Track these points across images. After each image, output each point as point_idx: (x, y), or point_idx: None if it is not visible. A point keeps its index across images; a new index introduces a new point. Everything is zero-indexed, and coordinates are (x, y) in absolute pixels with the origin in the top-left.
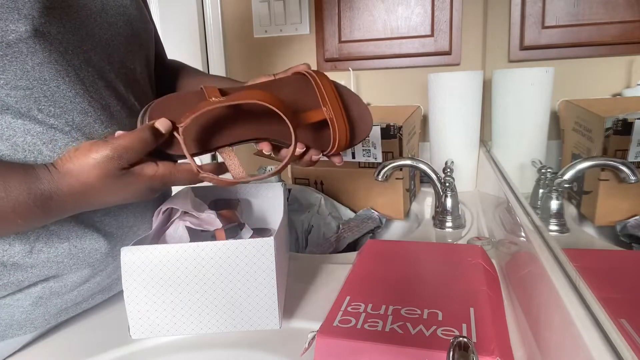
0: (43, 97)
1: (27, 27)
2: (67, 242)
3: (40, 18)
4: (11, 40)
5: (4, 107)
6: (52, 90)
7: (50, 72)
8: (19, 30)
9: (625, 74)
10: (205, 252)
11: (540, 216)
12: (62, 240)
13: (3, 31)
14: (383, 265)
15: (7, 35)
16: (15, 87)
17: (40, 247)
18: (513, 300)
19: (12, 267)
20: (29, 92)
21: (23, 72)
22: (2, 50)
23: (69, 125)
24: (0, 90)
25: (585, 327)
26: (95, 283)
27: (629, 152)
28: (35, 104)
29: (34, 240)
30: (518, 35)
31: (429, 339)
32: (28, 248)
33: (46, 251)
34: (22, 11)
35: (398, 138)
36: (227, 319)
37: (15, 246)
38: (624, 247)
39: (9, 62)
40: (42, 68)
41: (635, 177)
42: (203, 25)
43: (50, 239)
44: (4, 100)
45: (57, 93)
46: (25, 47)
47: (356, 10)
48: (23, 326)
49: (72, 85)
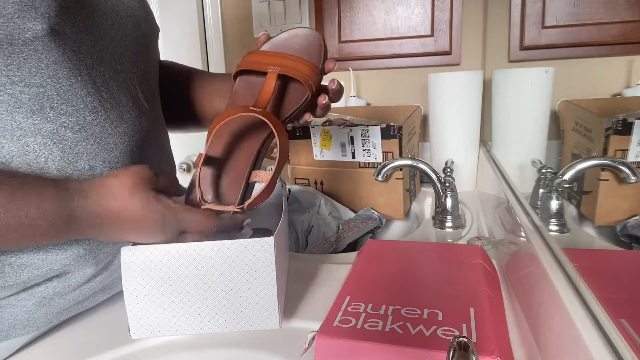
0: (56, 95)
1: (43, 25)
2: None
3: (56, 17)
4: (28, 38)
5: (15, 106)
6: (64, 89)
7: (64, 71)
8: (36, 29)
9: (625, 74)
10: (206, 252)
11: (540, 216)
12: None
13: (20, 29)
14: (383, 265)
15: (24, 33)
16: (29, 85)
17: (48, 247)
18: (513, 300)
19: (19, 267)
20: (42, 90)
21: (37, 70)
22: (19, 47)
23: (79, 124)
24: (15, 87)
25: (585, 327)
26: (97, 282)
27: (629, 152)
28: (47, 102)
29: None
30: (518, 35)
31: (429, 339)
32: (36, 248)
33: (53, 251)
34: (39, 10)
35: (398, 138)
36: (227, 319)
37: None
38: (624, 247)
39: (24, 59)
40: (56, 66)
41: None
42: (203, 25)
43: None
44: (18, 97)
45: (70, 91)
46: (41, 45)
47: (356, 10)
48: (26, 326)
49: (84, 84)
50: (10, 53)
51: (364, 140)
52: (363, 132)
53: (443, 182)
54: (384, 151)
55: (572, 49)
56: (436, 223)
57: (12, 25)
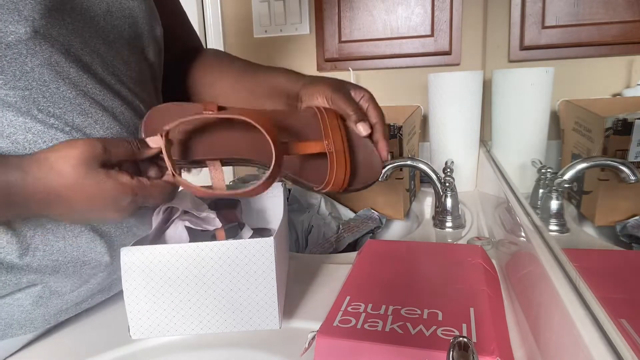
0: (42, 98)
1: (26, 28)
2: (63, 241)
3: (41, 20)
4: (10, 42)
5: (5, 105)
6: (51, 92)
7: (51, 74)
8: (19, 32)
9: (625, 74)
10: (205, 252)
11: (540, 216)
12: (58, 239)
13: (2, 32)
14: (383, 265)
15: (6, 37)
16: (14, 88)
17: (36, 245)
18: (513, 300)
19: (7, 266)
20: (28, 93)
21: (22, 73)
22: (1, 51)
23: (69, 125)
24: (0, 90)
25: (585, 327)
26: (95, 283)
27: (629, 152)
28: (34, 105)
29: (30, 239)
30: (518, 35)
31: (429, 339)
32: (24, 246)
33: (42, 249)
34: (22, 13)
35: (398, 138)
36: (227, 319)
37: (12, 244)
38: (624, 247)
39: (7, 63)
40: (42, 69)
41: (635, 177)
42: (203, 25)
43: (46, 238)
44: (4, 99)
45: (57, 94)
46: (25, 49)
47: (356, 10)
48: (23, 326)
49: (73, 87)
50: None
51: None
52: None
53: (443, 182)
54: None
55: (572, 49)
56: (436, 223)
57: None
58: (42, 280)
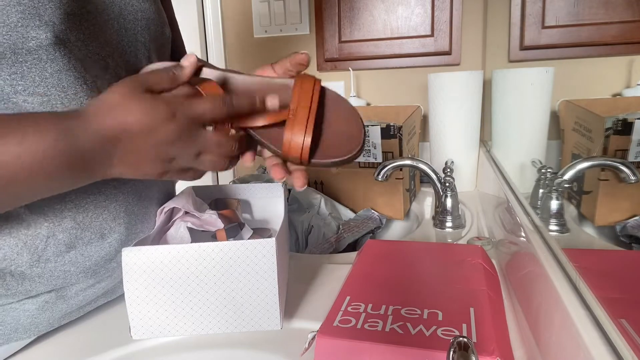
0: (60, 103)
1: (47, 34)
2: (74, 250)
3: (60, 25)
4: (31, 47)
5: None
6: (69, 97)
7: (69, 79)
8: (40, 37)
9: (625, 74)
10: (207, 252)
11: (540, 216)
12: (69, 249)
13: (24, 38)
14: (383, 265)
15: (28, 42)
16: (33, 94)
17: (48, 257)
18: (513, 300)
19: (19, 276)
20: (47, 99)
21: (42, 79)
22: (22, 56)
23: None
24: (18, 96)
25: (585, 327)
26: (100, 288)
27: (629, 152)
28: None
29: (42, 250)
30: (518, 35)
31: (429, 339)
32: (35, 257)
33: (53, 260)
34: (43, 18)
35: (398, 138)
36: (228, 320)
37: (22, 255)
38: (624, 247)
39: (27, 68)
40: (60, 75)
41: (635, 177)
42: (203, 25)
43: (58, 248)
44: (22, 106)
45: (75, 100)
46: (45, 54)
47: (356, 10)
48: (28, 330)
49: (90, 93)
50: (14, 62)
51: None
52: None
53: (443, 182)
54: (384, 151)
55: (572, 49)
56: (436, 223)
57: (16, 34)
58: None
